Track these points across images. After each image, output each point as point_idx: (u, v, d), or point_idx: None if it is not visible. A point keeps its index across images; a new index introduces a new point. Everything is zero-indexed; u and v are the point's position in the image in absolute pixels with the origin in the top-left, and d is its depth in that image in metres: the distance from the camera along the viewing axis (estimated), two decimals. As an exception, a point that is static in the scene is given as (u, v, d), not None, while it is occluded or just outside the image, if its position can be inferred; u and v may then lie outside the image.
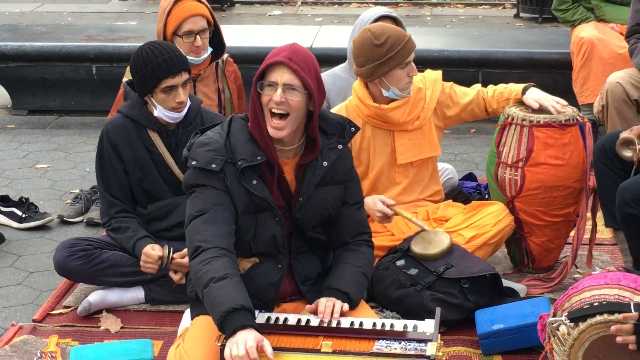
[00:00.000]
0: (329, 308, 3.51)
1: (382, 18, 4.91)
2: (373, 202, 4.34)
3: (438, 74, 4.74)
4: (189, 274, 3.93)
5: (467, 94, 4.75)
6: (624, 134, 4.30)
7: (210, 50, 5.00)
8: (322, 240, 3.81)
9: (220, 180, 3.56)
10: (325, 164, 3.66)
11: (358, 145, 4.53)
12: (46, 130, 7.26)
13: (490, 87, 4.77)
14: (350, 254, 3.75)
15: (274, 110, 3.49)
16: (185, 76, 4.32)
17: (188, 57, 4.69)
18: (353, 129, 3.76)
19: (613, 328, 3.16)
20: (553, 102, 4.50)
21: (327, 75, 5.06)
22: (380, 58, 4.36)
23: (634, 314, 3.13)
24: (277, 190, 3.64)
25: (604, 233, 5.12)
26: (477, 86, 4.81)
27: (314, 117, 3.57)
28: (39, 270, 4.90)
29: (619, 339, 3.15)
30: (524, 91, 4.60)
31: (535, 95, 4.55)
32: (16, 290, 4.67)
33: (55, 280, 4.70)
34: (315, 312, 3.54)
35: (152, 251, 4.24)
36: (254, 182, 3.56)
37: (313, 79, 3.52)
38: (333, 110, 4.53)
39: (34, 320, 4.31)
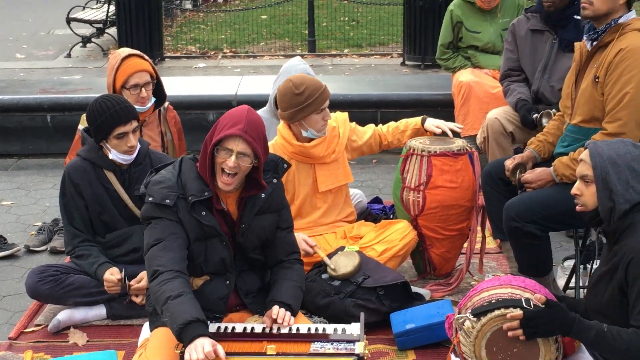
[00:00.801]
0: (282, 313, 3.52)
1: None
2: (298, 240, 4.23)
3: (345, 115, 4.78)
4: (147, 291, 3.89)
5: (367, 132, 4.82)
6: (509, 162, 4.37)
7: (153, 99, 4.95)
8: (261, 260, 3.81)
9: (174, 213, 3.53)
10: (263, 195, 3.67)
11: (285, 178, 4.50)
12: (8, 172, 7.09)
13: (385, 125, 4.86)
14: (288, 271, 3.76)
15: (227, 170, 3.50)
16: (134, 124, 4.27)
17: (135, 106, 4.61)
18: (285, 165, 3.79)
19: (504, 326, 3.20)
20: (451, 125, 4.70)
21: None
22: (299, 105, 4.36)
23: (518, 312, 3.17)
24: (221, 219, 3.62)
25: (490, 243, 5.17)
26: (372, 125, 4.88)
27: (259, 171, 3.59)
28: (10, 294, 4.77)
29: (509, 333, 3.19)
30: (423, 121, 4.70)
31: (435, 122, 4.73)
32: (-9, 313, 4.55)
33: (25, 302, 4.57)
34: (270, 319, 3.53)
35: (111, 276, 4.18)
36: (203, 213, 3.55)
37: (262, 146, 3.55)
38: None
39: (9, 338, 4.19)
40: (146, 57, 4.94)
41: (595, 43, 4.08)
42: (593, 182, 3.29)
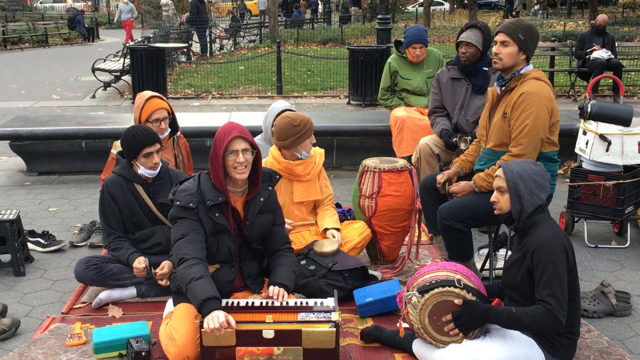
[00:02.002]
0: (277, 290, 3.51)
1: (285, 110, 4.90)
2: None
3: (322, 150, 4.68)
4: (171, 276, 3.85)
5: (326, 191, 4.64)
6: (440, 177, 4.41)
7: (169, 130, 4.91)
8: (261, 250, 3.78)
9: (195, 214, 3.50)
10: (262, 199, 3.66)
11: None
12: (52, 185, 6.95)
13: (326, 210, 4.61)
14: (283, 259, 3.74)
15: (239, 167, 3.49)
16: (157, 146, 4.23)
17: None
18: (278, 176, 3.78)
19: (446, 328, 3.24)
20: (337, 237, 4.41)
21: None
22: (297, 134, 4.36)
23: (448, 317, 3.23)
24: (232, 218, 3.61)
25: (424, 237, 5.17)
26: (329, 196, 4.66)
27: (259, 162, 3.58)
28: (60, 279, 4.68)
29: (451, 332, 3.24)
30: (325, 229, 4.51)
31: (332, 233, 4.47)
32: (46, 294, 4.45)
33: (72, 285, 4.50)
34: (267, 296, 3.51)
35: (139, 265, 4.12)
36: (217, 214, 3.52)
37: (253, 141, 3.53)
38: None
39: (62, 313, 4.13)
40: (164, 98, 4.91)
41: (503, 88, 4.13)
42: (507, 192, 3.35)
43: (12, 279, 4.66)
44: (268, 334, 3.25)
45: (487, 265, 4.48)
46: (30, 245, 5.11)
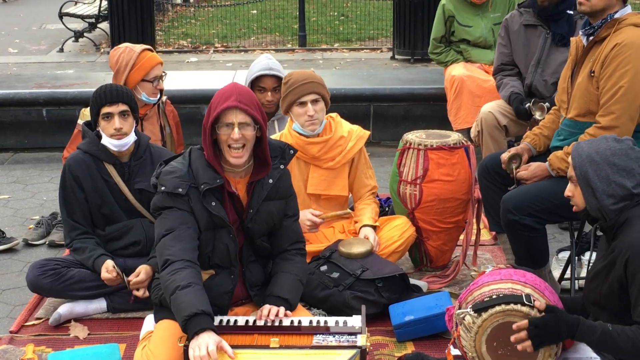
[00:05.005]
0: (273, 312, 3.51)
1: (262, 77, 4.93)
2: (303, 214, 4.29)
3: (365, 133, 4.64)
4: (152, 283, 3.86)
5: (367, 183, 4.67)
6: (505, 155, 4.36)
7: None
8: (267, 249, 3.79)
9: (185, 202, 3.52)
10: (270, 181, 3.66)
11: None
12: (4, 166, 7.03)
13: (365, 204, 4.62)
14: (288, 264, 3.74)
15: (234, 145, 3.48)
16: (122, 107, 4.25)
17: (150, 97, 4.83)
18: (292, 151, 3.78)
19: (512, 338, 3.18)
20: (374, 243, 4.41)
21: None
22: (284, 93, 4.45)
23: (524, 322, 3.16)
24: (231, 206, 3.61)
25: (485, 235, 5.15)
26: (372, 189, 4.70)
27: (264, 141, 3.57)
28: (10, 287, 4.72)
29: (519, 347, 3.17)
30: (361, 227, 4.50)
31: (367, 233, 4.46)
32: (-8, 306, 4.51)
33: (25, 296, 4.53)
34: (260, 317, 3.52)
35: (107, 274, 4.13)
36: (213, 203, 3.54)
37: (258, 112, 3.53)
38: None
39: (10, 332, 4.16)
40: (153, 50, 5.02)
41: (591, 38, 4.07)
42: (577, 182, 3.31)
43: (-52, 287, 4.74)
44: (272, 363, 3.25)
45: (567, 274, 4.43)
46: (-28, 244, 5.17)
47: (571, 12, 5.43)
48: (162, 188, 3.53)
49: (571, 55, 4.24)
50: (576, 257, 4.43)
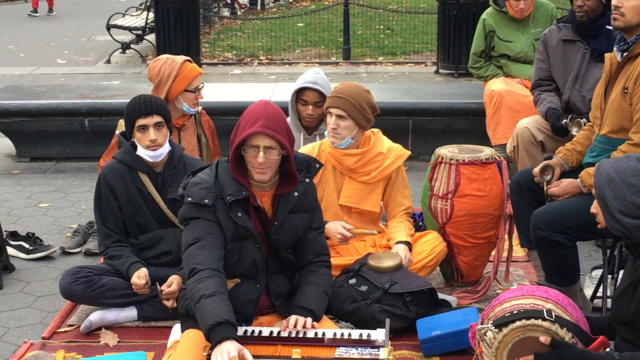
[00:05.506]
0: (300, 322, 3.54)
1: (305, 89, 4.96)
2: (335, 226, 4.35)
3: (405, 152, 4.66)
4: (180, 293, 3.92)
5: (402, 202, 4.68)
6: (537, 168, 4.35)
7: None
8: (292, 260, 3.83)
9: (212, 213, 3.58)
10: (296, 194, 3.71)
11: (319, 177, 4.46)
12: (46, 175, 7.16)
13: (399, 222, 4.63)
14: (313, 275, 3.77)
15: (258, 167, 3.56)
16: (157, 118, 4.32)
17: (190, 108, 4.96)
18: (317, 165, 3.81)
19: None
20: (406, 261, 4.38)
21: None
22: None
23: (530, 357, 3.15)
24: (256, 218, 3.66)
25: (518, 252, 5.12)
26: (407, 209, 4.71)
27: (290, 160, 3.62)
28: (45, 294, 4.82)
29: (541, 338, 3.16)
30: (395, 243, 4.50)
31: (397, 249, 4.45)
32: (26, 312, 4.59)
33: (59, 303, 4.62)
34: (287, 327, 3.54)
35: (138, 280, 4.20)
36: (239, 214, 3.60)
37: (285, 135, 3.57)
38: (303, 149, 4.57)
39: (43, 338, 4.24)
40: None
41: (625, 54, 4.06)
42: None
43: (-14, 293, 4.83)
44: (294, 374, 3.29)
45: (600, 292, 4.39)
46: (10, 251, 5.28)
47: (610, 28, 5.39)
48: (189, 199, 3.60)
49: (605, 72, 4.23)
50: (609, 276, 4.38)
